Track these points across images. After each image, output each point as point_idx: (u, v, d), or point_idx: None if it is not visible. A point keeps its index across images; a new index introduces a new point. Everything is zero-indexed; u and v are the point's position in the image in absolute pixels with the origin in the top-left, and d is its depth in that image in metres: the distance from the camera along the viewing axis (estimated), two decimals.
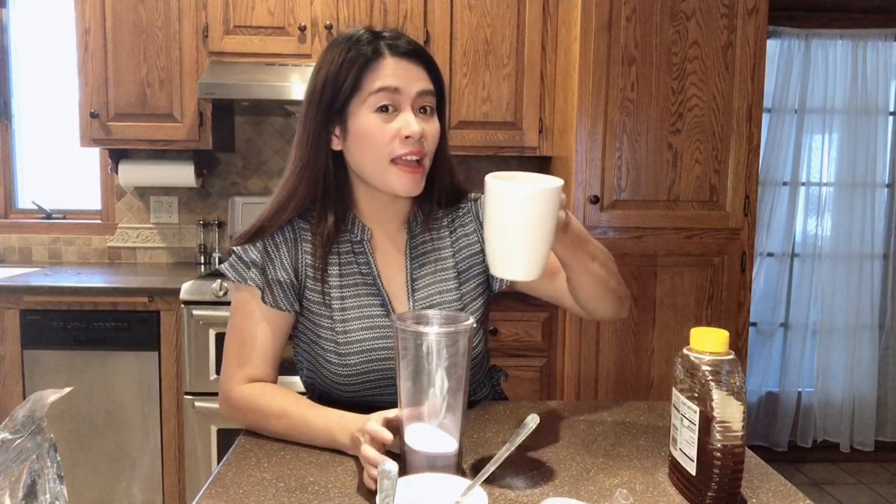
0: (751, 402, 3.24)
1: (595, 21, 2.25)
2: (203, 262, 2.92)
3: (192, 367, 2.34)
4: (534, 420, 0.85)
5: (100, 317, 2.36)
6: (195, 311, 2.31)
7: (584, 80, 2.27)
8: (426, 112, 1.08)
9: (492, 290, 1.22)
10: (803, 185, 3.18)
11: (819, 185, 3.19)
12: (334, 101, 1.06)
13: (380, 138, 1.05)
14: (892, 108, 3.19)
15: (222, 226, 2.97)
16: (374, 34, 1.07)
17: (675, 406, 0.88)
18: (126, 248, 2.99)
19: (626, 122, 2.28)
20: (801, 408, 3.26)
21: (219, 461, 2.13)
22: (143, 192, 2.97)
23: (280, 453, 0.99)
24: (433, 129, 1.08)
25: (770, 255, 3.20)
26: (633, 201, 2.32)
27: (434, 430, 0.85)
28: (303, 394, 1.12)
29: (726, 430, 0.79)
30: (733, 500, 0.82)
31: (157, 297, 2.36)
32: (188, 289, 2.32)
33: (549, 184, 0.88)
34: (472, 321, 0.86)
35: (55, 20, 2.99)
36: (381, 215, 1.15)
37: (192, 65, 2.58)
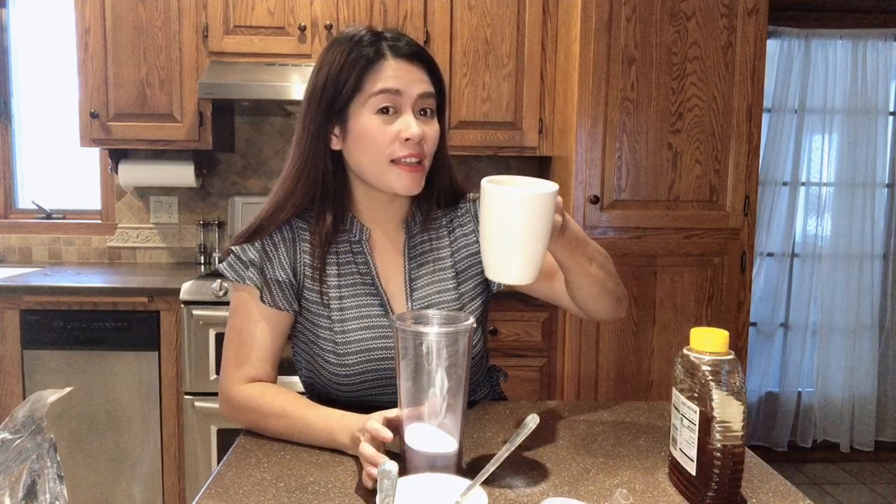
0: (751, 402, 3.24)
1: (595, 21, 2.25)
2: (203, 262, 2.93)
3: (192, 367, 2.34)
4: (534, 420, 0.85)
5: (100, 317, 2.36)
6: (195, 311, 2.31)
7: (584, 80, 2.27)
8: (426, 114, 1.08)
9: (490, 290, 1.22)
10: (803, 185, 3.18)
11: (819, 185, 3.20)
12: (335, 102, 1.06)
13: (380, 140, 1.05)
14: (892, 108, 3.19)
15: (222, 226, 2.97)
16: (376, 34, 1.07)
17: (675, 406, 0.88)
18: (126, 248, 2.99)
19: (626, 122, 2.28)
20: (801, 408, 3.26)
21: (219, 461, 2.13)
22: (143, 192, 2.98)
23: (280, 453, 0.99)
24: (433, 131, 1.08)
25: (770, 255, 3.20)
26: (633, 201, 2.32)
27: (434, 430, 0.85)
28: (302, 394, 1.12)
29: (726, 430, 0.79)
30: (733, 500, 0.82)
31: (157, 297, 2.36)
32: (188, 289, 2.32)
33: (544, 188, 0.88)
34: (472, 321, 0.86)
35: (55, 20, 2.99)
36: (380, 215, 1.15)
37: (192, 65, 2.58)
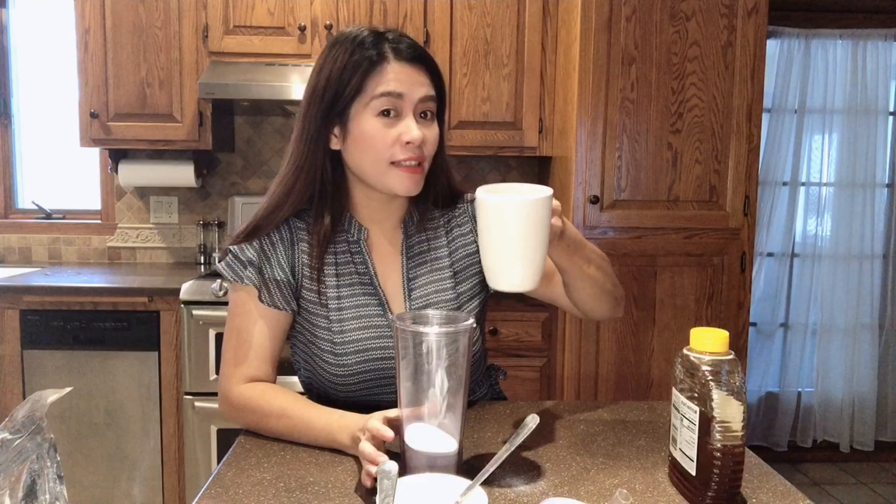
0: (751, 402, 3.24)
1: (595, 21, 2.25)
2: (203, 262, 2.93)
3: (191, 367, 2.34)
4: (534, 420, 0.85)
5: (100, 317, 2.36)
6: (195, 311, 2.31)
7: (583, 81, 2.27)
8: (426, 117, 1.08)
9: (488, 290, 1.23)
10: (803, 185, 3.18)
11: (819, 185, 3.19)
12: (336, 103, 1.06)
13: (381, 142, 1.05)
14: (892, 108, 3.19)
15: (222, 226, 2.97)
16: (378, 35, 1.07)
17: (674, 406, 0.88)
18: (126, 248, 2.99)
19: (626, 122, 2.28)
20: (800, 408, 3.26)
21: (219, 461, 2.13)
22: (143, 192, 2.97)
23: (280, 453, 0.99)
24: (433, 134, 1.09)
25: (770, 255, 3.20)
26: (633, 201, 2.32)
27: (434, 430, 0.85)
28: (302, 394, 1.12)
29: (726, 430, 0.79)
30: (733, 500, 0.82)
31: (156, 297, 2.36)
32: (188, 289, 2.32)
33: (539, 194, 0.88)
34: (472, 321, 0.86)
35: (55, 20, 2.99)
36: (378, 215, 1.16)
37: (192, 65, 2.58)
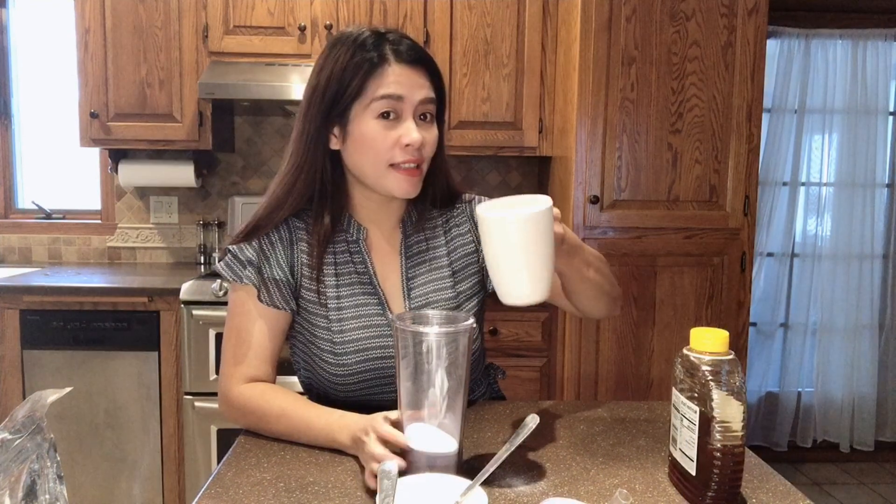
0: (751, 402, 3.24)
1: (595, 21, 2.25)
2: (203, 262, 2.93)
3: (191, 367, 2.34)
4: (534, 420, 0.85)
5: (100, 317, 2.36)
6: (195, 311, 2.31)
7: (583, 80, 2.27)
8: (426, 119, 1.09)
9: (487, 289, 1.23)
10: (803, 185, 3.18)
11: (819, 185, 3.19)
12: (336, 103, 1.06)
13: (380, 144, 1.05)
14: (892, 108, 3.19)
15: (222, 226, 2.97)
16: (378, 36, 1.06)
17: (674, 406, 0.88)
18: (126, 248, 2.99)
19: (626, 122, 2.28)
20: (800, 408, 3.26)
21: (219, 461, 2.13)
22: (143, 192, 2.97)
23: (280, 453, 0.99)
24: (432, 136, 1.09)
25: (770, 255, 3.20)
26: (633, 201, 2.32)
27: (434, 430, 0.85)
28: (302, 394, 1.12)
29: (726, 430, 0.79)
30: (733, 500, 0.82)
31: (156, 297, 2.36)
32: (188, 289, 2.32)
33: (541, 205, 0.88)
34: (472, 321, 0.86)
35: (55, 20, 2.99)
36: (377, 215, 1.16)
37: (192, 65, 2.58)
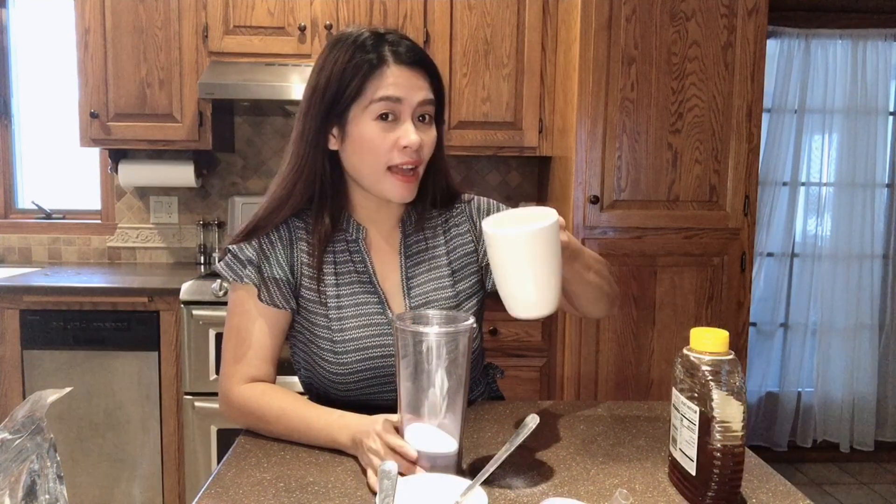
0: (751, 402, 3.24)
1: (595, 21, 2.25)
2: (203, 262, 2.93)
3: (191, 367, 2.34)
4: (534, 420, 0.85)
5: (100, 317, 2.36)
6: (195, 311, 2.31)
7: (583, 80, 2.27)
8: (425, 120, 1.09)
9: (486, 289, 1.23)
10: (803, 185, 3.18)
11: (819, 185, 3.19)
12: (335, 104, 1.06)
13: (379, 146, 1.05)
14: (892, 108, 3.19)
15: (222, 226, 2.97)
16: (378, 37, 1.06)
17: (674, 406, 0.88)
18: (126, 248, 2.99)
19: (626, 122, 2.28)
20: (800, 408, 3.26)
21: (219, 461, 2.13)
22: (143, 192, 2.97)
23: (280, 453, 0.99)
24: (430, 137, 1.09)
25: (770, 255, 3.20)
26: (633, 201, 2.32)
27: (434, 430, 0.85)
28: (302, 394, 1.12)
29: (726, 430, 0.79)
30: (733, 500, 0.82)
31: (156, 297, 2.36)
32: (188, 289, 2.32)
33: (548, 219, 0.87)
34: (472, 321, 0.86)
35: (55, 20, 2.99)
36: (376, 215, 1.16)
37: (192, 65, 2.58)
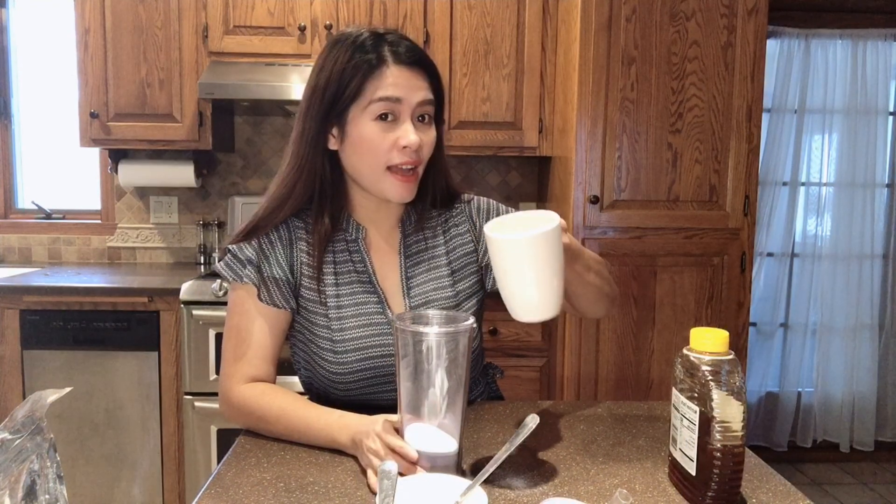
0: (751, 402, 3.24)
1: (595, 21, 2.25)
2: (203, 262, 2.93)
3: (191, 367, 2.34)
4: (534, 420, 0.85)
5: (100, 317, 2.36)
6: (195, 311, 2.31)
7: (583, 80, 2.27)
8: (424, 120, 1.09)
9: (486, 288, 1.23)
10: (803, 185, 3.18)
11: (819, 185, 3.19)
12: (335, 104, 1.06)
13: (378, 146, 1.05)
14: (892, 108, 3.19)
15: (222, 226, 2.97)
16: (377, 37, 1.07)
17: (674, 406, 0.88)
18: (126, 248, 2.99)
19: (625, 122, 2.28)
20: (800, 408, 3.26)
21: (219, 461, 2.13)
22: (143, 192, 2.97)
23: (280, 453, 0.99)
24: (430, 138, 1.09)
25: (770, 255, 3.20)
26: (633, 201, 2.32)
27: (434, 430, 0.85)
28: (302, 394, 1.12)
29: (726, 430, 0.79)
30: (733, 500, 0.82)
31: (156, 297, 2.36)
32: (188, 289, 2.32)
33: (550, 223, 0.87)
34: (472, 321, 0.86)
35: (55, 20, 2.99)
36: (376, 215, 1.16)
37: (192, 65, 2.58)
